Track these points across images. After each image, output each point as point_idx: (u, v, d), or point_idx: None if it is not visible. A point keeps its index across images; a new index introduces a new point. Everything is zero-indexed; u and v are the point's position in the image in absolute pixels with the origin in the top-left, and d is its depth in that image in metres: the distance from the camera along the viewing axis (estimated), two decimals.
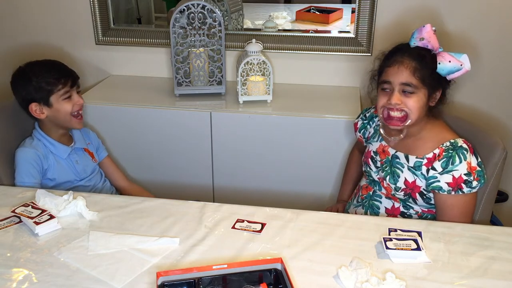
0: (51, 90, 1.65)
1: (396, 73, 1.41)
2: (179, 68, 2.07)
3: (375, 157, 1.59)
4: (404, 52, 1.42)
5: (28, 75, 1.66)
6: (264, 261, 1.13)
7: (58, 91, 1.66)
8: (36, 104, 1.66)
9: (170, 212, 1.40)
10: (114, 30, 2.30)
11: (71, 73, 1.72)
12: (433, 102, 1.45)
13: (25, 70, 1.68)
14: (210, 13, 1.96)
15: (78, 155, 1.78)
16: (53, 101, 1.66)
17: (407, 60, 1.40)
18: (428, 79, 1.40)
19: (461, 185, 1.39)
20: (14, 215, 1.35)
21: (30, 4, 2.31)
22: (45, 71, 1.66)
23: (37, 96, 1.65)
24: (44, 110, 1.67)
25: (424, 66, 1.39)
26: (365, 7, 2.07)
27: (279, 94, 2.12)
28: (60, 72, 1.69)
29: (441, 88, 1.44)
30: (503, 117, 2.16)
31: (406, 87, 1.40)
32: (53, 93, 1.66)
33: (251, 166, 2.06)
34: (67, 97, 1.68)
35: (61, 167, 1.71)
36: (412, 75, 1.39)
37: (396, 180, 1.50)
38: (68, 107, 1.68)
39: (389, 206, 1.56)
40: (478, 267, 1.17)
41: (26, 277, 1.14)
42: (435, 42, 1.40)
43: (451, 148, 1.41)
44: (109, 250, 1.23)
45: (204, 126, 2.00)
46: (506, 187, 2.20)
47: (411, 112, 1.41)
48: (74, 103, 1.70)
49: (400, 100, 1.41)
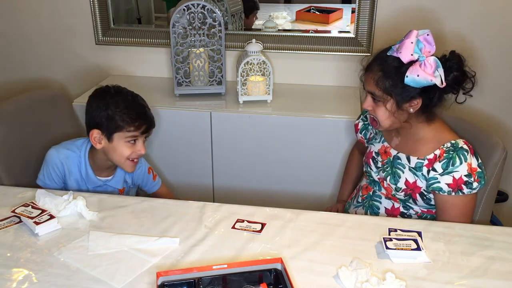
0: (121, 127, 1.52)
1: (366, 80, 1.45)
2: (179, 68, 2.07)
3: (377, 158, 1.59)
4: (376, 60, 1.42)
5: (108, 101, 1.53)
6: (264, 261, 1.13)
7: (127, 132, 1.53)
8: (99, 132, 1.54)
9: (170, 212, 1.40)
10: (114, 30, 2.30)
11: (149, 120, 1.59)
12: (411, 109, 1.41)
13: (108, 95, 1.56)
14: (210, 13, 1.96)
15: (104, 189, 1.68)
16: (116, 138, 1.54)
17: (374, 69, 1.41)
18: (394, 89, 1.38)
19: (462, 186, 1.39)
20: (14, 215, 1.35)
21: (30, 4, 2.31)
22: (125, 107, 1.53)
23: (104, 125, 1.53)
24: (103, 141, 1.55)
25: (390, 77, 1.38)
26: (365, 7, 2.07)
27: (279, 94, 2.12)
28: (139, 114, 1.55)
29: (420, 97, 1.39)
30: (503, 117, 2.16)
31: (373, 95, 1.44)
32: (120, 131, 1.53)
33: (251, 166, 2.06)
34: (131, 141, 1.55)
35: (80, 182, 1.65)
36: (376, 84, 1.40)
37: (397, 181, 1.50)
38: (127, 151, 1.56)
39: (389, 206, 1.56)
40: (478, 267, 1.17)
41: (26, 277, 1.14)
42: (406, 53, 1.35)
43: (452, 149, 1.41)
44: (109, 250, 1.23)
45: (204, 126, 2.01)
46: (506, 187, 2.21)
47: (380, 120, 1.45)
48: (135, 150, 1.57)
49: (370, 106, 1.46)
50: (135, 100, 1.59)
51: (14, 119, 1.75)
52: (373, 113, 1.46)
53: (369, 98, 1.46)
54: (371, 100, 1.45)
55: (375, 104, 1.44)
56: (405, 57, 1.35)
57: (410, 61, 1.35)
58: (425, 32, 1.37)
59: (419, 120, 1.45)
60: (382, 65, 1.40)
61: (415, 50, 1.35)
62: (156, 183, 1.82)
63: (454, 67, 1.38)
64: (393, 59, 1.38)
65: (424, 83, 1.34)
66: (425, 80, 1.33)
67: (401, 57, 1.35)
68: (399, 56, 1.36)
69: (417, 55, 1.35)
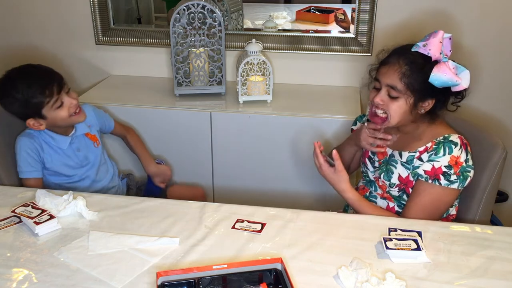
0: (40, 104, 1.56)
1: (386, 73, 1.40)
2: (179, 68, 2.07)
3: (373, 157, 1.59)
4: (401, 55, 1.39)
5: (11, 94, 1.56)
6: (264, 261, 1.13)
7: (48, 103, 1.56)
8: (31, 119, 1.59)
9: (170, 212, 1.39)
10: (114, 30, 2.30)
11: (53, 79, 1.59)
12: (423, 109, 1.41)
13: (6, 88, 1.57)
14: (210, 13, 1.96)
15: (80, 142, 1.74)
16: (46, 113, 1.58)
17: (399, 63, 1.38)
18: (417, 86, 1.36)
19: (439, 175, 1.39)
20: (14, 215, 1.35)
21: (30, 3, 2.31)
22: (27, 86, 1.55)
23: (28, 112, 1.58)
24: (41, 122, 1.60)
25: (415, 73, 1.36)
26: (365, 7, 2.07)
27: (279, 94, 2.12)
28: (41, 82, 1.56)
29: (434, 98, 1.39)
30: (503, 117, 2.16)
31: (392, 90, 1.39)
32: (43, 107, 1.57)
33: (251, 166, 2.06)
34: (59, 105, 1.59)
35: (60, 156, 1.69)
36: (399, 79, 1.37)
37: (390, 177, 1.50)
38: (64, 113, 1.61)
39: (384, 206, 1.56)
40: (478, 267, 1.17)
41: (26, 277, 1.14)
42: (436, 51, 1.35)
43: (442, 141, 1.41)
44: (109, 250, 1.23)
45: (204, 126, 2.01)
46: (506, 187, 2.21)
47: (391, 116, 1.41)
48: (68, 107, 1.61)
49: (383, 100, 1.41)
50: (30, 74, 1.59)
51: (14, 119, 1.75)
52: (384, 107, 1.41)
53: (384, 91, 1.41)
54: (386, 95, 1.41)
55: (390, 98, 1.40)
56: (434, 54, 1.35)
57: (436, 60, 1.36)
58: (448, 36, 1.38)
59: (423, 120, 1.45)
60: (408, 59, 1.37)
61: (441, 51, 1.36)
62: (111, 119, 1.89)
63: None
64: (419, 55, 1.36)
65: (448, 83, 1.35)
66: (450, 80, 1.34)
67: (431, 54, 1.35)
68: (427, 53, 1.35)
69: (441, 55, 1.36)
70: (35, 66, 1.64)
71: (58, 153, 1.69)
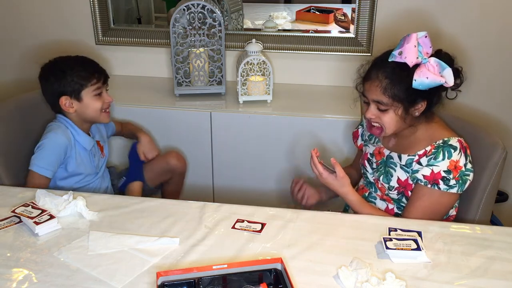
0: (84, 84, 1.65)
1: (369, 89, 1.41)
2: (179, 68, 2.08)
3: (371, 159, 1.59)
4: (379, 68, 1.39)
5: (62, 68, 1.65)
6: (264, 261, 1.13)
7: (91, 86, 1.66)
8: (67, 98, 1.65)
9: (170, 212, 1.40)
10: (114, 30, 2.30)
11: (103, 71, 1.72)
12: (417, 112, 1.41)
13: (58, 63, 1.68)
14: (210, 13, 1.96)
15: (95, 148, 1.79)
16: (84, 96, 1.66)
17: (379, 77, 1.38)
18: (403, 95, 1.36)
19: (438, 180, 1.39)
20: (14, 215, 1.35)
21: (30, 3, 2.31)
22: (80, 65, 1.67)
23: (69, 89, 1.64)
24: (74, 104, 1.66)
25: (397, 84, 1.36)
26: (365, 7, 2.07)
27: (279, 94, 2.12)
28: (94, 68, 1.70)
29: (425, 99, 1.39)
30: (503, 117, 2.16)
31: (379, 104, 1.40)
32: (86, 88, 1.65)
33: (251, 166, 2.06)
34: (98, 93, 1.68)
35: (81, 160, 1.71)
36: (383, 93, 1.37)
37: (389, 180, 1.50)
38: (98, 104, 1.69)
39: (383, 207, 1.56)
40: (478, 267, 1.17)
41: (26, 277, 1.14)
42: (412, 57, 1.34)
43: (441, 145, 1.41)
44: (109, 250, 1.23)
45: (204, 126, 2.01)
46: (506, 187, 2.21)
47: (385, 127, 1.43)
48: (104, 100, 1.70)
49: (374, 114, 1.43)
50: (84, 59, 1.72)
51: (14, 119, 1.75)
52: (378, 121, 1.43)
53: (373, 107, 1.42)
54: (376, 109, 1.42)
55: (381, 112, 1.41)
56: (411, 61, 1.34)
57: (415, 64, 1.34)
58: (423, 34, 1.37)
59: (420, 121, 1.45)
60: (387, 72, 1.37)
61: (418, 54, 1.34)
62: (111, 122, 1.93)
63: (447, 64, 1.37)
64: (397, 64, 1.36)
65: (433, 85, 1.34)
66: (434, 81, 1.33)
67: (408, 62, 1.34)
68: (404, 61, 1.34)
69: (420, 58, 1.35)
70: (88, 58, 1.74)
71: (80, 156, 1.71)
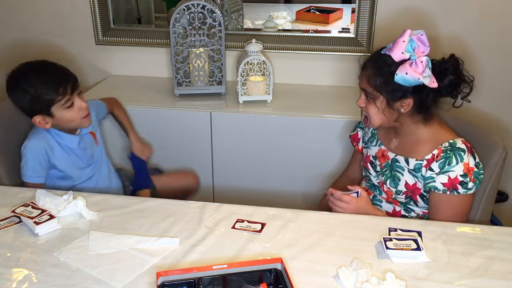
0: (51, 101, 1.54)
1: (360, 77, 1.47)
2: (179, 68, 2.08)
3: (375, 162, 1.59)
4: (370, 58, 1.45)
5: (23, 87, 1.53)
6: (264, 261, 1.13)
7: (59, 101, 1.55)
8: (39, 116, 1.57)
9: (170, 212, 1.40)
10: (114, 30, 2.30)
11: (68, 78, 1.58)
12: (403, 109, 1.41)
13: (19, 81, 1.55)
14: (210, 13, 1.96)
15: (85, 140, 1.72)
16: (55, 111, 1.56)
17: (367, 67, 1.43)
18: (385, 87, 1.39)
19: (457, 185, 1.39)
20: (14, 215, 1.35)
21: (30, 3, 2.31)
22: (41, 82, 1.53)
23: (37, 108, 1.56)
24: (48, 120, 1.58)
25: (380, 75, 1.39)
26: (365, 7, 2.07)
27: (279, 94, 2.12)
28: (57, 79, 1.55)
29: (412, 96, 1.39)
30: (503, 117, 2.16)
31: (366, 92, 1.45)
32: (54, 104, 1.55)
33: (251, 166, 2.06)
34: (69, 105, 1.57)
35: (70, 157, 1.68)
36: (367, 82, 1.42)
37: (397, 184, 1.50)
38: (72, 114, 1.59)
39: (390, 210, 1.56)
40: (478, 267, 1.17)
41: (26, 277, 1.14)
42: (398, 51, 1.35)
43: (449, 149, 1.41)
44: (109, 250, 1.23)
45: (204, 126, 2.01)
46: (506, 187, 2.21)
47: (370, 117, 1.47)
48: (78, 109, 1.60)
49: (363, 103, 1.48)
50: (45, 70, 1.58)
51: (14, 119, 1.75)
52: (365, 110, 1.49)
53: (363, 95, 1.48)
54: (364, 97, 1.47)
55: (368, 101, 1.46)
56: (396, 55, 1.36)
57: (402, 59, 1.35)
58: (419, 32, 1.37)
59: (415, 120, 1.45)
60: (375, 63, 1.41)
61: (407, 49, 1.35)
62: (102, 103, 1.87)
63: (450, 70, 1.38)
64: (387, 57, 1.39)
65: (412, 82, 1.34)
66: (413, 78, 1.33)
67: (392, 55, 1.36)
68: (390, 54, 1.37)
69: (408, 54, 1.35)
70: (51, 63, 1.62)
71: (68, 154, 1.68)
